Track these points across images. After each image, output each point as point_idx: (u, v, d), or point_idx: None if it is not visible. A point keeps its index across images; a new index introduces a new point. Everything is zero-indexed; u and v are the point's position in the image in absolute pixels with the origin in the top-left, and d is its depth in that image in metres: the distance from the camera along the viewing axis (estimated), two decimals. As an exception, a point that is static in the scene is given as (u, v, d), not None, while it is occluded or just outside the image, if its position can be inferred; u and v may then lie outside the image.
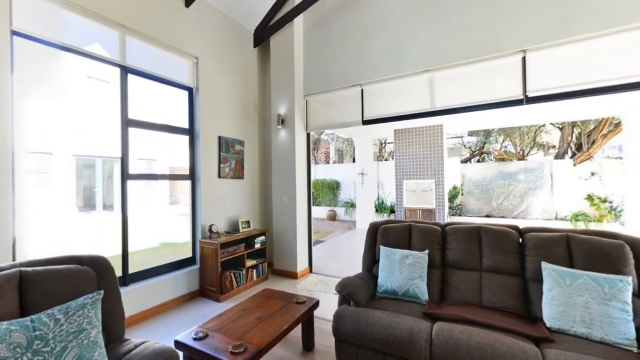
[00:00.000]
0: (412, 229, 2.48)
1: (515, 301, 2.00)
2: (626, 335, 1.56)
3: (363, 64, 3.94)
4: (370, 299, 2.23)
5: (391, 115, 3.83)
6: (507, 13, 3.07)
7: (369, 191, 8.66)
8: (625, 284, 1.65)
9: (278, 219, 4.35)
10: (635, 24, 2.55)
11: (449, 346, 1.65)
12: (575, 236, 1.94)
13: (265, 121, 4.72)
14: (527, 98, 3.02)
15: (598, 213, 7.20)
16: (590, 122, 8.74)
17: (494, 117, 6.26)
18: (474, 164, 10.55)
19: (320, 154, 16.03)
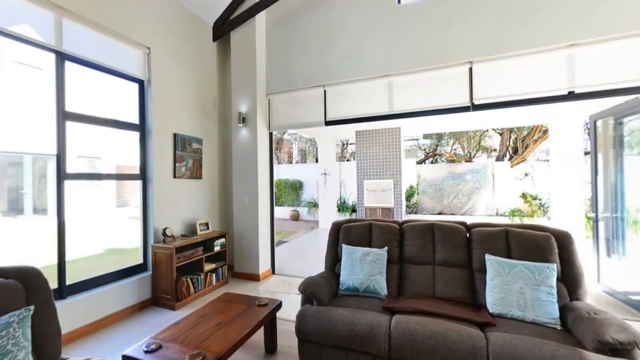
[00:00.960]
0: (373, 227, 2.58)
1: (464, 291, 2.18)
2: (552, 315, 1.79)
3: (326, 66, 4.00)
4: (333, 297, 2.27)
5: (353, 116, 3.93)
6: (456, 26, 3.34)
7: (332, 191, 8.80)
8: (551, 271, 1.89)
9: (239, 220, 4.22)
10: (557, 44, 2.95)
11: (405, 337, 1.74)
12: (512, 230, 2.18)
13: (226, 119, 4.55)
14: (473, 105, 3.32)
15: (530, 209, 8.18)
16: (525, 128, 9.87)
17: (445, 122, 6.77)
18: (428, 165, 11.30)
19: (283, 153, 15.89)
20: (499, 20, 3.16)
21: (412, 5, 3.56)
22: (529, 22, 3.05)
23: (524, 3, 3.07)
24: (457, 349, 1.63)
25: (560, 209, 6.27)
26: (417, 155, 12.76)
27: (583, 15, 2.86)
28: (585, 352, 1.48)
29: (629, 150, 3.37)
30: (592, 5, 2.83)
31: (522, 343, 1.58)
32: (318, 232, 7.97)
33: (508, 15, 3.13)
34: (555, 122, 6.37)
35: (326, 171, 8.68)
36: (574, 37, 2.89)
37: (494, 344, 1.61)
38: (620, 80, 2.80)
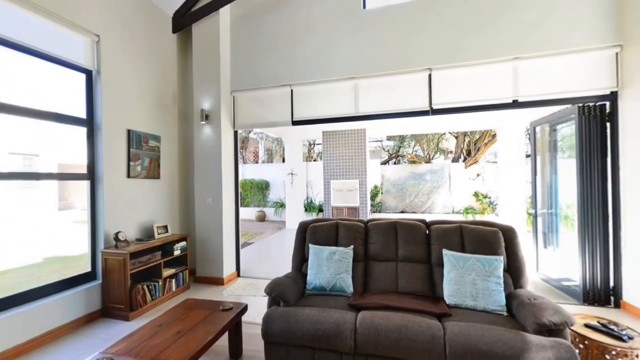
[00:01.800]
0: (339, 227, 2.62)
1: (424, 285, 2.31)
2: (499, 303, 1.97)
3: (293, 65, 3.98)
4: (300, 297, 2.27)
5: (320, 117, 3.97)
6: (416, 35, 3.53)
7: (299, 191, 8.78)
8: (499, 262, 2.08)
9: (202, 222, 4.03)
10: (504, 57, 3.25)
11: (370, 332, 1.80)
12: (466, 226, 2.35)
13: (187, 116, 4.32)
14: (432, 109, 3.52)
15: (481, 207, 8.91)
16: (477, 132, 10.72)
17: (407, 124, 7.10)
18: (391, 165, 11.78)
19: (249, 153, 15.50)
20: (455, 31, 3.40)
21: (376, 11, 3.69)
22: (480, 35, 3.32)
23: (476, 18, 3.34)
24: (418, 339, 1.72)
25: (506, 206, 6.92)
26: (381, 156, 13.24)
27: (526, 32, 3.19)
28: (526, 334, 1.65)
29: (561, 154, 3.83)
30: (534, 24, 3.16)
31: (474, 330, 1.71)
32: (285, 233, 7.91)
33: (462, 28, 3.38)
34: (502, 127, 7.01)
35: (293, 171, 8.64)
36: (518, 51, 3.21)
37: (450, 333, 1.72)
38: (556, 92, 3.17)
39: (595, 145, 3.09)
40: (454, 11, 3.41)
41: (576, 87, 3.11)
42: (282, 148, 14.12)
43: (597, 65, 3.05)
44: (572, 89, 3.12)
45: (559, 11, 3.10)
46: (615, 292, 3.03)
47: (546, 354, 1.54)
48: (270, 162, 15.24)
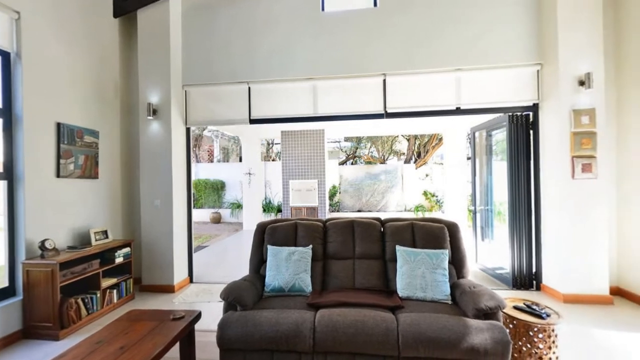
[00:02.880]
0: (298, 226, 2.62)
1: (379, 280, 2.42)
2: (445, 293, 2.14)
3: (251, 62, 3.87)
4: (258, 300, 2.21)
5: (278, 116, 3.92)
6: (373, 41, 3.68)
7: (257, 191, 8.57)
8: (445, 255, 2.27)
9: (149, 226, 3.71)
10: (448, 68, 3.55)
11: (328, 329, 1.83)
12: (416, 223, 2.52)
13: (131, 110, 3.95)
14: (387, 113, 3.71)
15: (430, 205, 9.63)
16: (426, 136, 11.55)
17: (364, 126, 7.38)
18: (349, 166, 12.12)
19: (203, 151, 14.70)
20: (407, 41, 3.62)
21: (335, 15, 3.76)
22: (429, 46, 3.58)
23: (426, 30, 3.59)
24: (374, 333, 1.80)
25: (451, 203, 7.57)
26: (339, 157, 13.55)
27: (467, 47, 3.52)
28: (467, 320, 1.82)
29: (495, 157, 4.31)
30: (473, 40, 3.51)
31: (423, 319, 1.84)
32: (242, 234, 7.66)
33: (414, 38, 3.61)
34: (447, 132, 7.66)
35: (251, 171, 8.41)
36: (460, 63, 3.54)
37: (403, 324, 1.83)
38: (491, 102, 3.56)
39: (522, 149, 3.54)
40: (407, 22, 3.63)
41: (508, 98, 3.53)
42: (239, 147, 13.65)
43: (523, 80, 3.50)
44: (504, 99, 3.53)
45: (494, 30, 3.49)
46: (537, 277, 3.51)
47: (483, 335, 1.72)
48: (227, 161, 14.64)
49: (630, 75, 3.15)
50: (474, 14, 3.51)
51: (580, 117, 3.10)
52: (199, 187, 10.54)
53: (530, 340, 1.95)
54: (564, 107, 3.15)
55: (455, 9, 3.54)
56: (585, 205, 3.10)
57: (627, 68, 3.18)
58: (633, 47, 3.11)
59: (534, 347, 1.94)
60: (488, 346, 1.69)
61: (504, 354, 1.69)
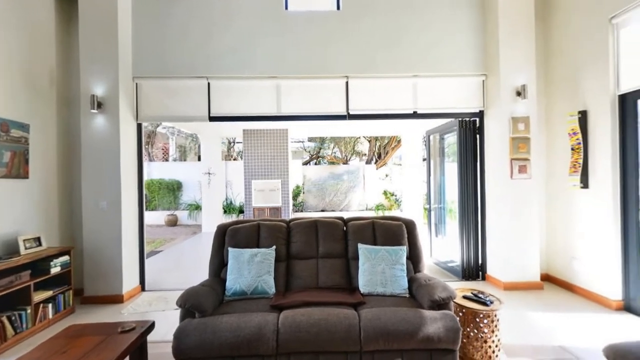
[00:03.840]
0: (261, 228, 2.57)
1: (342, 278, 2.47)
2: (403, 287, 2.26)
3: (210, 57, 3.70)
4: (218, 305, 2.13)
5: (240, 114, 3.80)
6: (336, 43, 3.74)
7: (217, 192, 8.22)
8: (403, 252, 2.39)
9: (93, 231, 3.35)
10: (406, 73, 3.75)
11: (292, 330, 1.82)
12: (377, 221, 2.62)
13: (71, 101, 3.54)
14: (349, 114, 3.80)
15: (389, 203, 10.08)
16: (386, 138, 12.05)
17: (327, 127, 7.47)
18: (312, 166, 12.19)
19: (157, 149, 13.69)
20: (369, 45, 3.75)
21: (299, 15, 3.76)
22: (389, 52, 3.75)
23: (386, 35, 3.75)
24: (337, 330, 1.83)
25: (408, 202, 8.00)
26: (303, 157, 13.56)
27: (422, 54, 3.75)
28: (423, 311, 1.94)
29: (447, 159, 4.65)
30: (428, 48, 3.75)
31: (383, 313, 1.92)
32: (201, 237, 7.29)
33: (375, 43, 3.75)
34: (405, 134, 8.08)
35: (210, 170, 8.04)
36: (417, 70, 3.75)
37: (364, 319, 1.89)
38: (444, 107, 3.83)
39: (470, 152, 3.87)
40: (368, 28, 3.75)
41: (458, 105, 3.83)
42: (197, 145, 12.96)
43: (471, 89, 3.83)
44: (455, 105, 3.83)
45: (447, 41, 3.76)
46: (482, 268, 3.86)
47: (437, 324, 1.85)
48: (184, 160, 13.82)
49: (556, 89, 3.61)
50: (429, 24, 3.76)
51: (517, 124, 3.48)
52: (152, 188, 9.80)
53: (477, 325, 2.14)
54: (504, 115, 3.51)
55: (413, 19, 3.75)
56: (521, 203, 3.49)
57: (554, 82, 3.64)
58: (557, 65, 3.57)
59: (480, 331, 2.13)
60: (441, 334, 1.82)
61: (455, 340, 1.83)
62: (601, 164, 3.04)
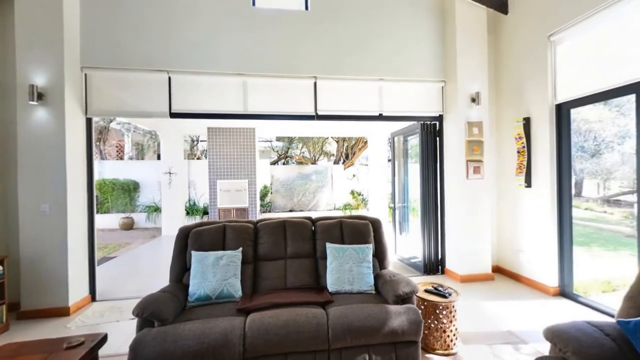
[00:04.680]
0: (226, 229, 2.48)
1: (310, 278, 2.47)
2: (369, 284, 2.33)
3: (172, 50, 3.50)
4: (180, 312, 2.02)
5: (204, 111, 3.64)
6: (304, 43, 3.75)
7: (179, 192, 7.78)
8: (369, 250, 2.46)
9: (32, 238, 2.99)
10: (373, 77, 3.87)
11: (260, 333, 1.79)
12: (344, 221, 2.67)
13: (5, 92, 3.12)
14: (317, 115, 3.82)
15: (357, 203, 10.31)
16: (353, 138, 12.31)
17: (295, 127, 7.44)
18: (280, 166, 12.07)
19: (110, 147, 12.60)
20: (336, 47, 3.80)
21: (267, 12, 3.69)
22: (357, 55, 3.84)
23: (354, 39, 3.83)
24: (305, 330, 1.83)
25: (374, 201, 8.25)
26: (271, 157, 13.37)
27: (387, 59, 3.89)
28: (388, 306, 2.02)
29: (410, 159, 4.88)
30: (393, 54, 3.90)
31: (350, 311, 1.96)
32: (161, 241, 6.86)
33: (343, 46, 3.81)
34: (372, 136, 8.32)
35: (172, 170, 7.59)
36: (382, 74, 3.89)
37: (332, 317, 1.92)
38: (408, 110, 4.01)
39: (431, 153, 4.10)
40: (336, 30, 3.80)
41: (420, 108, 4.03)
42: (157, 143, 12.17)
43: (432, 94, 4.05)
44: (418, 109, 4.03)
45: (410, 48, 3.95)
46: (442, 262, 4.11)
47: (401, 318, 1.93)
48: (141, 158, 12.90)
49: (505, 97, 3.96)
50: (394, 31, 3.91)
51: (472, 128, 3.76)
52: (105, 189, 9.01)
53: (437, 317, 2.27)
54: (461, 119, 3.77)
55: (379, 25, 3.88)
56: (475, 201, 3.78)
57: (503, 91, 3.99)
58: (506, 75, 3.92)
59: (440, 322, 2.26)
60: (405, 327, 1.90)
61: (417, 332, 1.93)
62: (541, 165, 3.40)
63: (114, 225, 8.83)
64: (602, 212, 4.04)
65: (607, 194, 3.87)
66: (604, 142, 3.48)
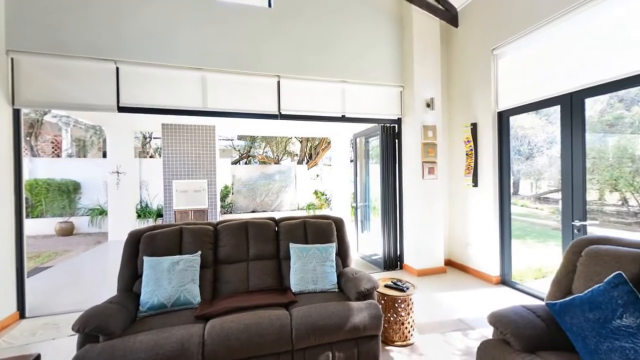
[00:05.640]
0: (184, 232, 2.35)
1: (273, 279, 2.44)
2: (333, 283, 2.37)
3: (121, 37, 3.20)
4: (130, 323, 1.86)
5: (158, 106, 3.40)
6: (268, 41, 3.68)
7: (128, 194, 7.15)
8: (332, 249, 2.50)
9: (-61, 248, 2.53)
10: (335, 79, 3.94)
11: (220, 339, 1.72)
12: (308, 221, 2.68)
13: None
14: (281, 114, 3.78)
15: (320, 203, 10.41)
16: (316, 139, 12.41)
17: (258, 126, 7.28)
18: (242, 165, 11.73)
19: (45, 142, 11.14)
20: (300, 47, 3.80)
21: (229, 5, 3.56)
22: (320, 56, 3.87)
23: (317, 40, 3.86)
24: (268, 332, 1.80)
25: (337, 201, 8.40)
26: (232, 156, 12.92)
27: (349, 62, 3.99)
28: (350, 303, 2.07)
29: (371, 160, 5.06)
30: (355, 57, 4.00)
31: (314, 310, 1.97)
32: (107, 248, 6.24)
33: (306, 46, 3.82)
34: (335, 136, 8.46)
35: (120, 169, 6.95)
36: (345, 76, 3.97)
37: (296, 318, 1.91)
38: (369, 113, 4.15)
39: (391, 154, 4.29)
40: (299, 30, 3.80)
41: (381, 111, 4.20)
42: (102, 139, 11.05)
43: (391, 98, 4.24)
44: (379, 112, 4.19)
45: (371, 52, 4.09)
46: (400, 258, 4.33)
47: (363, 314, 1.99)
48: (83, 156, 11.61)
49: (456, 103, 4.29)
50: (357, 35, 4.02)
51: (427, 132, 4.02)
52: (37, 190, 7.93)
53: (395, 310, 2.39)
54: (417, 123, 4.01)
55: (342, 28, 3.96)
56: (430, 200, 4.04)
57: (454, 97, 4.32)
58: (457, 83, 4.25)
59: (398, 315, 2.38)
60: (366, 322, 1.97)
61: (378, 326, 2.00)
62: (486, 167, 3.74)
63: (49, 231, 7.83)
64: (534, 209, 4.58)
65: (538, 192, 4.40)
66: (535, 146, 3.95)
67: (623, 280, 1.42)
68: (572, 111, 2.84)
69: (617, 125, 3.63)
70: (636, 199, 3.83)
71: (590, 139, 2.93)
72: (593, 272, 1.61)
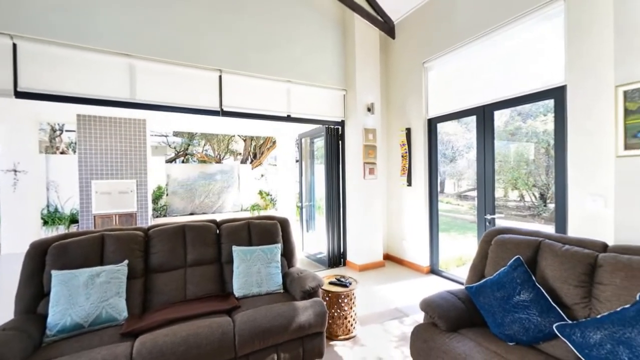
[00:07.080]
0: (106, 240, 2.06)
1: (214, 285, 2.30)
2: (278, 284, 2.34)
3: (22, 8, 2.65)
4: (32, 352, 1.55)
5: (72, 94, 2.91)
6: (209, 32, 3.46)
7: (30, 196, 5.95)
8: (277, 249, 2.46)
9: None
10: (281, 77, 3.91)
11: (152, 356, 1.55)
12: (252, 222, 2.60)
13: None
14: (223, 111, 3.59)
15: (265, 203, 10.20)
16: (261, 138, 12.13)
17: (197, 122, 6.78)
18: (179, 164, 10.80)
19: None
20: (243, 43, 3.66)
21: (160, -12, 3.23)
22: (265, 53, 3.79)
23: (260, 37, 3.76)
24: (208, 342, 1.69)
25: (283, 201, 8.33)
26: (167, 154, 11.81)
27: (294, 63, 3.99)
28: (296, 303, 2.07)
29: (317, 160, 5.15)
30: (299, 59, 4.03)
31: (258, 313, 1.92)
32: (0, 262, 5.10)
33: (249, 42, 3.70)
34: (280, 136, 8.38)
35: (18, 167, 5.74)
36: (290, 76, 3.96)
37: (239, 323, 1.84)
38: (314, 114, 4.21)
39: (335, 155, 4.43)
40: (244, 24, 3.66)
41: (326, 113, 4.30)
42: (-8, 130, 8.97)
43: (335, 100, 4.39)
44: (323, 113, 4.29)
45: (316, 54, 4.16)
46: (344, 255, 4.50)
47: (308, 312, 2.01)
48: (-37, 150, 9.27)
49: (393, 108, 4.64)
50: (303, 36, 4.05)
51: (368, 134, 4.26)
52: None
53: (339, 306, 2.47)
54: (359, 126, 4.22)
55: (288, 26, 3.94)
56: (370, 199, 4.29)
57: (392, 103, 4.67)
58: (394, 90, 4.61)
59: (342, 310, 2.47)
60: (312, 320, 2.00)
61: (322, 323, 2.05)
62: (418, 168, 4.13)
63: None
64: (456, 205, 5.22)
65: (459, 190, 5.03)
66: (457, 150, 4.52)
67: (520, 263, 1.72)
68: (484, 121, 3.32)
69: (517, 135, 4.38)
70: (529, 195, 4.67)
71: (498, 145, 3.48)
72: (500, 258, 1.91)
